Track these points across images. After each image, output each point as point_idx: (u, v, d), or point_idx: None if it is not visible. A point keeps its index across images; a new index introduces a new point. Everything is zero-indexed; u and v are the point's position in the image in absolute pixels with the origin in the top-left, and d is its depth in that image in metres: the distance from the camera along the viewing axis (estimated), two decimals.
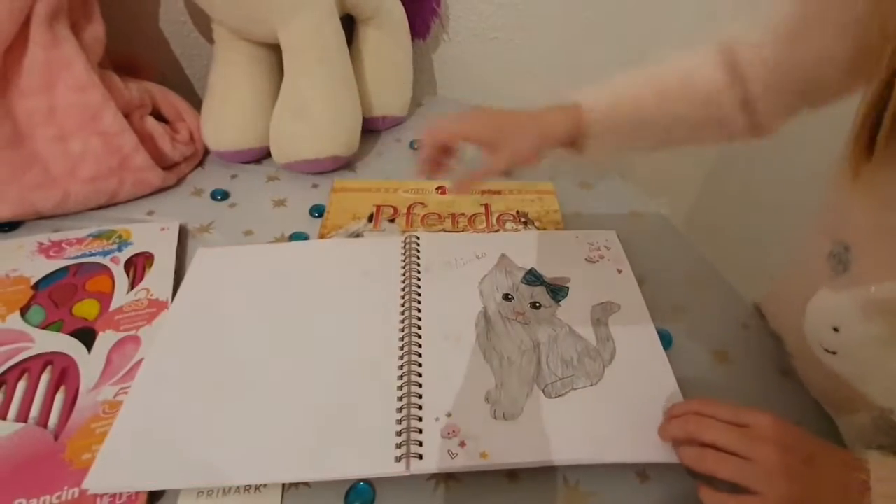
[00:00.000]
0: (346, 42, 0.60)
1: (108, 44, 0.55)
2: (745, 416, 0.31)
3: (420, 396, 0.36)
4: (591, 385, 0.37)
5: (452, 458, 0.33)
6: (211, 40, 0.62)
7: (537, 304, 0.43)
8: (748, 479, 0.28)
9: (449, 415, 0.35)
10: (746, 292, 0.49)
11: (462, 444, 0.34)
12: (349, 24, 0.65)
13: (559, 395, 0.37)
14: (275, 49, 0.59)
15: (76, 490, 0.32)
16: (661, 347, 0.40)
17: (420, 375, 0.37)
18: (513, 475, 0.35)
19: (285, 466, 0.33)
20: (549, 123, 0.39)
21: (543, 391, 0.37)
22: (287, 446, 0.34)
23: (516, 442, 0.34)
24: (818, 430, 0.38)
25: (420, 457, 0.33)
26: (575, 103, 0.39)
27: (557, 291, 0.44)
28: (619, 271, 0.47)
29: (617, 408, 0.36)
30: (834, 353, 0.34)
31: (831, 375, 0.35)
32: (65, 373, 0.39)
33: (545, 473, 0.35)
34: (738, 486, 0.29)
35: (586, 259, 0.48)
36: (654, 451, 0.34)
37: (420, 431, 0.34)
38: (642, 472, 0.35)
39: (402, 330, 0.41)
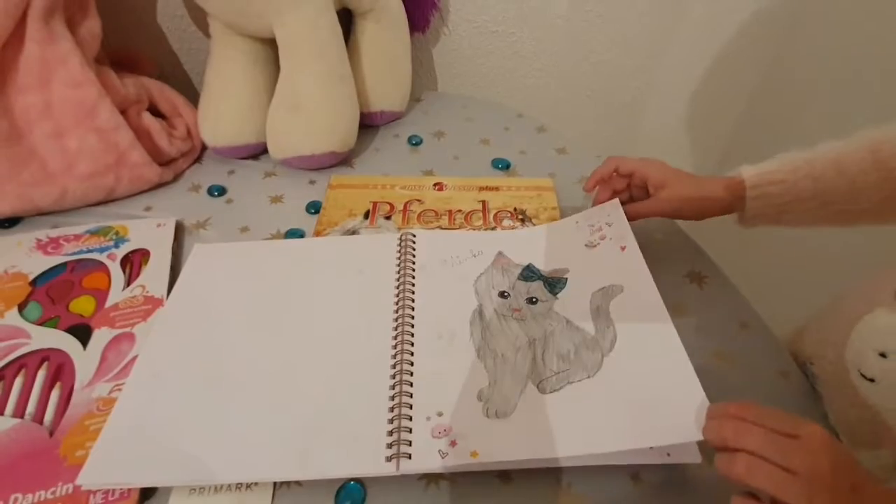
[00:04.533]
0: (342, 36, 0.59)
1: (106, 39, 0.55)
2: (795, 426, 0.27)
3: (411, 395, 0.36)
4: (589, 377, 0.36)
5: (443, 458, 0.33)
6: (209, 35, 0.61)
7: (534, 300, 0.43)
8: (787, 491, 0.25)
9: (440, 414, 0.35)
10: (746, 290, 0.48)
11: (453, 443, 0.33)
12: (347, 18, 0.65)
13: (554, 391, 0.36)
14: (271, 44, 0.59)
15: (70, 486, 0.33)
16: (670, 321, 0.38)
17: (412, 374, 0.37)
18: (505, 476, 0.35)
19: (275, 465, 0.33)
20: (711, 184, 0.45)
21: (538, 387, 0.36)
22: (278, 445, 0.34)
23: (508, 439, 0.34)
24: None
25: (409, 456, 0.33)
26: (737, 173, 0.44)
27: (555, 284, 0.44)
28: (623, 248, 0.44)
29: (617, 396, 0.35)
30: (872, 380, 0.32)
31: (861, 405, 0.33)
32: (60, 369, 0.39)
33: (538, 474, 0.34)
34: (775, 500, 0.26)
35: (586, 245, 0.46)
36: (656, 436, 0.32)
37: (410, 431, 0.34)
38: (636, 474, 0.35)
39: (396, 329, 0.41)
